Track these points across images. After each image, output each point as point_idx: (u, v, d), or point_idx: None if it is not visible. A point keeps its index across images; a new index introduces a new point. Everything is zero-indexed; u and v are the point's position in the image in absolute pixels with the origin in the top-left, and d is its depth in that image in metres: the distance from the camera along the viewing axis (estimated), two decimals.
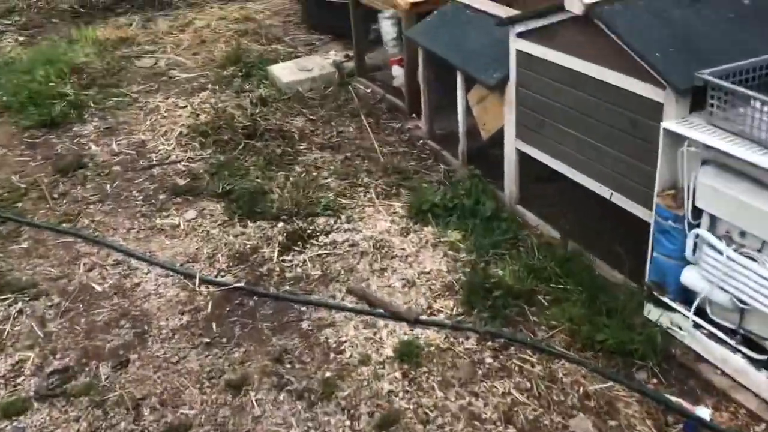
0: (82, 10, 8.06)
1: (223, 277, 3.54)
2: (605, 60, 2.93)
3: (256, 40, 6.94)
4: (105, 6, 8.21)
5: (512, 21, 3.43)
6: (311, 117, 5.14)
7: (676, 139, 2.67)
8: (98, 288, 3.53)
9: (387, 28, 4.92)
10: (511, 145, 3.72)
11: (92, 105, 5.55)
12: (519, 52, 3.45)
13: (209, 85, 5.87)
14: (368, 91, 5.57)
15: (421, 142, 4.71)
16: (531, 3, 3.90)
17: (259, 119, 5.07)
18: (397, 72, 5.24)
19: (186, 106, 5.50)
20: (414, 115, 5.09)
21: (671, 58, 2.68)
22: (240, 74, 5.99)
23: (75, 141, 5.08)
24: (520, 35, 3.40)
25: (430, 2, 4.81)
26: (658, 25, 2.83)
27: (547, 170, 3.55)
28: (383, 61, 5.94)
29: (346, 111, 5.21)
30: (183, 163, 4.66)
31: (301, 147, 4.72)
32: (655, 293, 2.93)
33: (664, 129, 2.66)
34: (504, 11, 3.97)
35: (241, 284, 3.45)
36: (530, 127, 3.54)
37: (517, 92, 3.55)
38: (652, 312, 2.98)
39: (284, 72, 5.73)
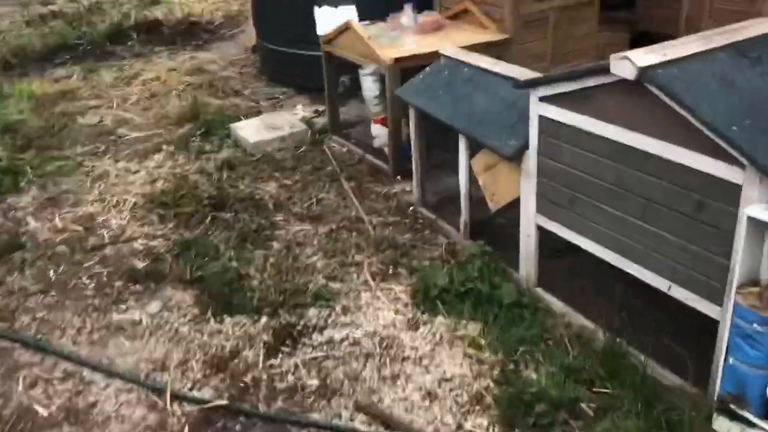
0: (14, 61, 7.36)
1: (199, 390, 2.92)
2: (661, 131, 2.50)
3: (212, 93, 6.39)
4: (41, 56, 7.53)
5: (534, 83, 2.99)
6: (285, 182, 4.59)
7: (763, 228, 2.25)
8: (43, 411, 2.86)
9: (368, 85, 4.45)
10: (530, 221, 3.26)
11: (29, 171, 4.87)
12: (542, 118, 3.01)
13: (165, 146, 5.26)
14: (344, 150, 5.06)
15: (411, 209, 4.21)
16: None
17: (226, 186, 4.49)
18: (379, 132, 4.76)
19: (140, 171, 4.87)
20: (399, 177, 4.61)
21: (749, 131, 2.27)
22: (199, 133, 5.40)
23: (9, 215, 4.39)
24: (543, 99, 2.97)
25: (416, 57, 4.38)
26: (725, 92, 2.42)
27: (561, 242, 3.11)
28: (357, 116, 5.48)
29: (324, 174, 4.68)
30: (140, 240, 4.03)
31: (278, 218, 4.15)
32: (731, 406, 2.47)
33: (749, 217, 2.23)
34: (511, 69, 3.55)
35: (223, 401, 2.84)
36: (556, 202, 3.09)
37: (539, 162, 3.10)
38: (723, 426, 2.51)
39: (250, 131, 5.18)
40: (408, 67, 4.38)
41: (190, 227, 4.08)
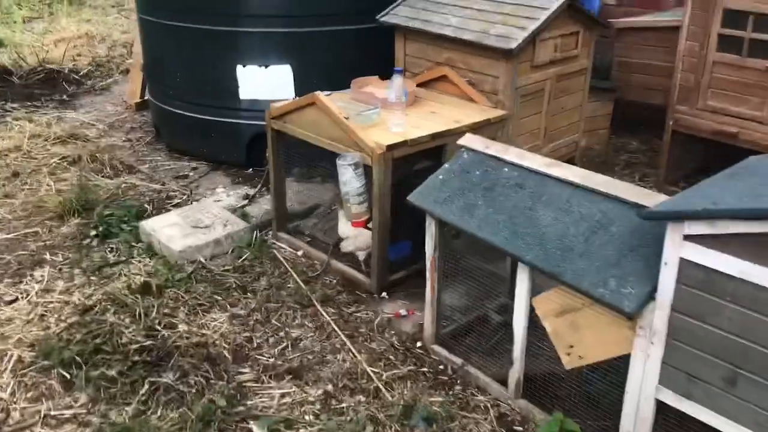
0: None
1: None
2: None
3: (97, 170, 4.99)
4: None
5: (678, 215, 2.10)
6: (237, 311, 3.39)
7: None
8: None
9: (348, 178, 3.38)
10: (647, 395, 2.35)
11: None
12: (687, 264, 2.12)
13: (48, 255, 3.86)
14: (300, 254, 3.94)
15: (419, 345, 3.19)
16: None
17: (157, 326, 3.21)
18: (351, 233, 3.69)
19: (17, 300, 3.46)
20: (385, 295, 3.57)
21: None
22: (94, 234, 4.04)
23: None
24: (691, 238, 2.09)
25: (410, 144, 3.39)
26: None
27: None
28: (299, 204, 4.37)
29: (287, 295, 3.52)
30: (39, 428, 2.68)
31: (245, 377, 2.95)
32: None
33: None
34: (589, 177, 2.66)
35: None
36: (699, 377, 2.20)
37: (674, 321, 2.21)
38: None
39: (170, 232, 3.91)
40: (400, 157, 3.40)
41: (116, 402, 2.78)
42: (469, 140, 3.04)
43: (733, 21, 4.17)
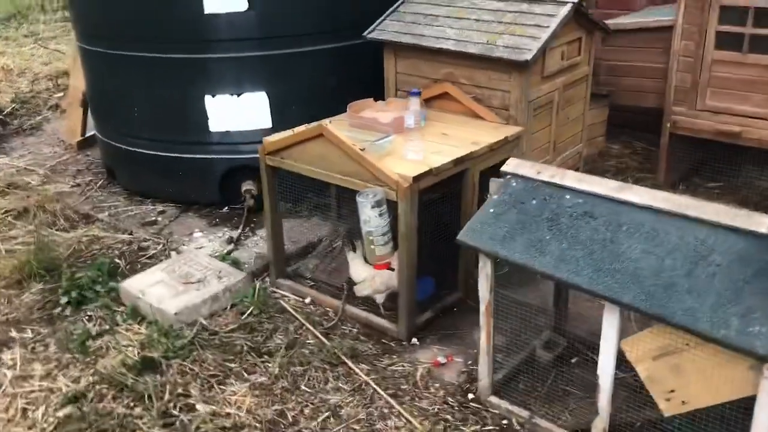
0: None
1: None
2: None
3: (50, 222, 4.41)
4: None
5: None
6: (261, 380, 2.94)
7: None
8: None
9: (371, 217, 3.00)
10: None
11: None
12: None
13: (14, 332, 3.31)
14: (308, 302, 3.52)
15: (472, 398, 2.84)
16: None
17: (171, 409, 2.73)
18: (366, 275, 3.31)
19: None
20: (416, 341, 3.22)
21: None
22: (65, 300, 3.50)
23: None
24: None
25: (435, 173, 3.05)
26: None
27: None
28: (291, 242, 3.96)
29: (309, 352, 3.11)
30: None
31: None
32: None
33: None
34: (669, 200, 2.38)
35: None
36: None
37: None
38: None
39: (158, 291, 3.41)
40: (425, 189, 3.06)
41: None
42: (515, 166, 2.72)
43: (731, 17, 4.04)
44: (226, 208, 4.52)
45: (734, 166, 4.51)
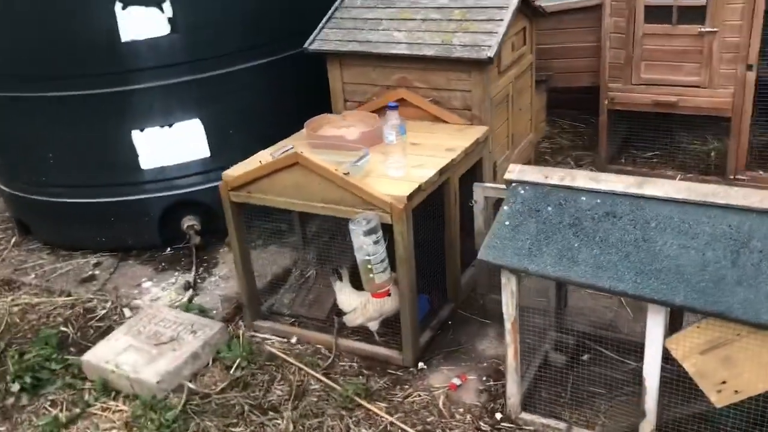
0: None
1: None
2: None
3: None
4: None
5: None
6: None
7: None
8: None
9: (365, 244, 2.79)
10: None
11: None
12: None
13: None
14: (294, 342, 3.27)
15: (500, 417, 2.72)
16: None
17: None
18: (356, 303, 3.10)
19: None
20: (422, 365, 3.05)
21: None
22: (18, 387, 3.06)
23: None
24: None
25: (423, 188, 2.89)
26: None
27: None
28: (256, 277, 3.67)
29: (318, 400, 2.87)
30: None
31: None
32: None
33: None
34: (684, 188, 2.33)
35: None
36: None
37: None
38: None
39: (133, 359, 3.05)
40: (414, 208, 2.88)
41: None
42: (520, 173, 2.60)
43: None
44: (169, 249, 4.15)
45: (665, 133, 4.63)
